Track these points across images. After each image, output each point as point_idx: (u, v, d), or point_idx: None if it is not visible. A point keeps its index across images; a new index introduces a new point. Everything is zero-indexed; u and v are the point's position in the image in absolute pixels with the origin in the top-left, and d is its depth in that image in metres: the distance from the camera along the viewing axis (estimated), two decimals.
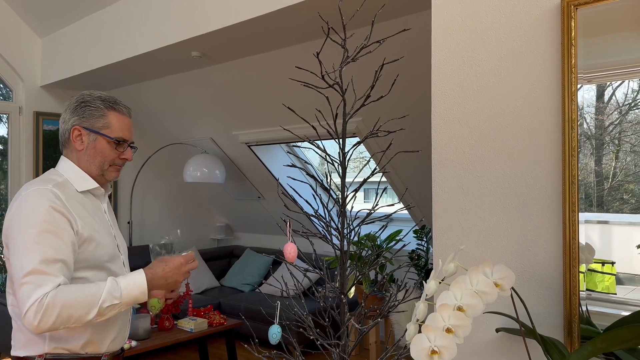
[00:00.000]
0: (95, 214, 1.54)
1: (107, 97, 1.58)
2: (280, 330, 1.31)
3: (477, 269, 1.06)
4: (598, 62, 1.29)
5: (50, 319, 1.30)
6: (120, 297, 1.38)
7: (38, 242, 1.35)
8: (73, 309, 1.32)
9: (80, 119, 1.53)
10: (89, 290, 1.35)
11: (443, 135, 1.55)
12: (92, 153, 1.54)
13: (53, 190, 1.43)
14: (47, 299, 1.30)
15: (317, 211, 1.31)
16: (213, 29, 2.99)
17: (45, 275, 1.32)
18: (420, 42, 2.53)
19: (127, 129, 1.59)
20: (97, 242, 1.48)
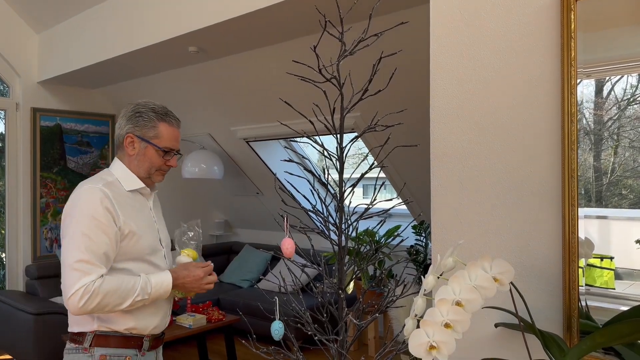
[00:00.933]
0: (140, 211, 1.72)
1: (159, 109, 1.75)
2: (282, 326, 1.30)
3: (475, 264, 1.05)
4: (597, 57, 1.28)
5: (92, 304, 1.53)
6: (149, 294, 1.62)
7: (86, 235, 1.55)
8: (112, 298, 1.55)
9: (134, 127, 1.71)
10: (127, 285, 1.58)
11: (442, 130, 1.54)
12: (141, 159, 1.73)
13: (102, 189, 1.61)
14: (93, 286, 1.52)
15: (315, 206, 1.30)
16: (210, 24, 2.98)
17: (91, 265, 1.54)
18: (418, 35, 2.52)
19: (175, 139, 1.76)
20: (139, 236, 1.66)
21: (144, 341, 1.71)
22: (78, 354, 1.65)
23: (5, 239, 4.76)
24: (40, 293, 4.48)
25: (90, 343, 1.64)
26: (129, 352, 1.68)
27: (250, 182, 5.42)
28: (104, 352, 1.65)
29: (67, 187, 5.01)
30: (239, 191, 5.67)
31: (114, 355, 1.66)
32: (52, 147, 4.90)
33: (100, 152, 5.25)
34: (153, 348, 1.76)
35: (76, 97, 5.07)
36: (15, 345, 4.05)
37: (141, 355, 1.71)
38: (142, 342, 1.71)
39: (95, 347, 1.65)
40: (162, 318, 1.76)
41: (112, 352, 1.66)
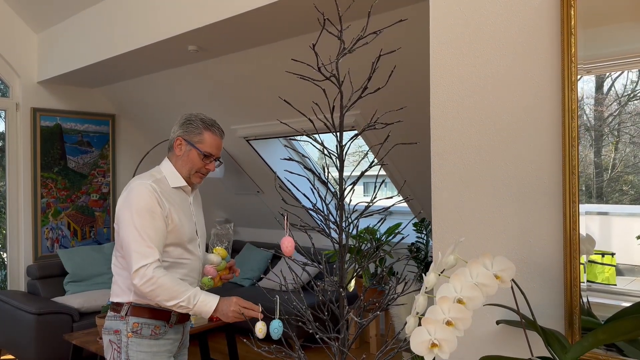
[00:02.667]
0: (181, 205, 1.99)
1: (207, 120, 2.01)
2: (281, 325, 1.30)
3: (477, 261, 1.05)
4: (597, 53, 1.28)
5: (147, 288, 1.80)
6: (192, 307, 1.85)
7: (141, 223, 1.83)
8: (163, 292, 1.80)
9: (183, 132, 1.99)
10: (179, 288, 1.83)
11: (442, 127, 1.54)
12: (185, 160, 1.99)
13: (152, 185, 1.89)
14: (152, 273, 1.80)
15: (315, 205, 1.30)
16: (209, 22, 2.97)
17: (148, 249, 1.82)
18: (418, 33, 2.51)
19: (216, 147, 2.02)
20: (179, 226, 1.93)
21: (171, 315, 1.96)
22: (116, 320, 1.95)
23: (6, 239, 4.76)
24: (41, 293, 4.48)
25: (127, 312, 1.93)
26: (158, 323, 1.94)
27: (250, 181, 5.42)
28: (136, 320, 1.92)
29: (68, 187, 5.01)
30: (240, 190, 5.67)
31: (144, 324, 1.92)
32: (52, 147, 4.89)
33: (100, 152, 5.24)
34: (180, 322, 2.01)
35: (76, 97, 5.06)
36: (17, 345, 4.06)
37: (169, 326, 1.97)
38: (170, 316, 1.96)
39: (130, 316, 1.92)
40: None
41: (144, 321, 1.93)
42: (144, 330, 1.92)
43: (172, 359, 2.02)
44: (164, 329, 1.96)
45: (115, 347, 1.94)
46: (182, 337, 2.08)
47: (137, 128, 5.57)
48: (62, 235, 4.96)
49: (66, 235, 4.99)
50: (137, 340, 1.92)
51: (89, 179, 5.16)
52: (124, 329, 1.93)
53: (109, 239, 5.29)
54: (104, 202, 5.28)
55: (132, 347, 1.91)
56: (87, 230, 5.15)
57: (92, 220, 5.19)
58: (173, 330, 1.99)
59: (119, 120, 5.41)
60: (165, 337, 1.97)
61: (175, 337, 2.01)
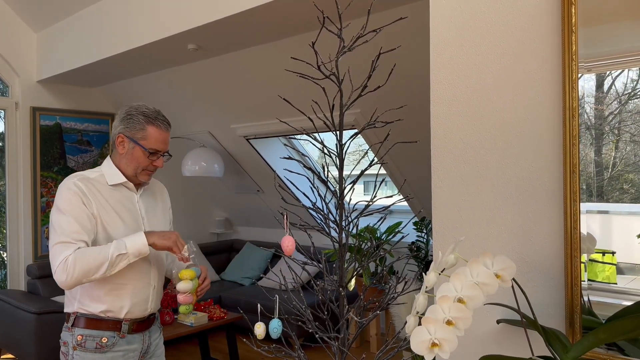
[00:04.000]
0: (122, 205, 1.85)
1: (150, 112, 1.86)
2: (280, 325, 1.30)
3: (477, 260, 1.04)
4: (597, 51, 1.27)
5: (74, 273, 1.66)
6: (126, 248, 1.70)
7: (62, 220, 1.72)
8: (88, 261, 1.67)
9: (124, 128, 1.84)
10: (100, 248, 1.71)
11: (442, 125, 1.53)
12: (129, 158, 1.85)
13: (76, 182, 1.78)
14: (70, 259, 1.67)
15: (315, 204, 1.29)
16: (209, 21, 2.97)
17: (67, 244, 1.69)
18: (418, 31, 2.51)
19: (162, 142, 1.86)
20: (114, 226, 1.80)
21: (122, 324, 1.82)
22: (65, 331, 1.84)
23: (6, 238, 4.75)
24: (41, 292, 4.48)
25: (72, 323, 1.81)
26: (105, 334, 1.80)
27: (250, 180, 5.41)
28: (81, 332, 1.80)
29: None
30: (240, 189, 5.67)
31: (88, 336, 1.79)
32: (52, 146, 4.89)
33: (100, 151, 5.24)
34: (136, 331, 1.86)
35: (76, 96, 5.06)
36: (17, 345, 4.06)
37: (120, 337, 1.82)
38: (121, 325, 1.82)
39: (75, 328, 1.80)
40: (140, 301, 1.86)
41: (89, 332, 1.79)
42: (88, 343, 1.79)
43: None
44: (112, 339, 1.80)
45: (64, 358, 1.83)
46: (144, 346, 1.90)
47: None
48: None
49: None
50: (81, 354, 1.78)
51: None
52: (70, 341, 1.80)
53: None
54: None
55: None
56: None
57: None
58: (126, 341, 1.83)
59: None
60: (115, 350, 1.81)
61: (129, 347, 1.84)
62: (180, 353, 4.56)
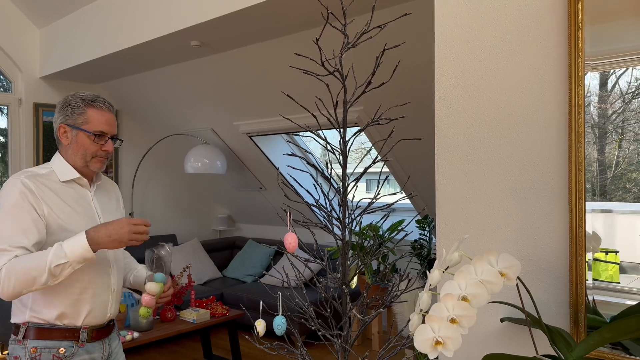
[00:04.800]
0: (76, 202, 1.71)
1: (87, 95, 1.74)
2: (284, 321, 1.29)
3: (482, 258, 1.04)
4: (602, 49, 1.26)
5: (10, 285, 1.51)
6: (65, 257, 1.53)
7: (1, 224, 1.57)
8: (25, 273, 1.51)
9: (64, 117, 1.72)
10: (37, 256, 1.54)
11: (446, 122, 1.53)
12: (75, 147, 1.72)
13: (24, 180, 1.62)
14: (3, 270, 1.51)
15: (318, 201, 1.29)
16: (212, 17, 2.96)
17: (2, 251, 1.53)
18: (422, 27, 2.50)
19: (106, 123, 1.73)
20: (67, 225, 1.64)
21: (80, 332, 1.67)
22: (15, 344, 1.66)
23: None
24: None
25: (24, 335, 1.64)
26: (62, 344, 1.65)
27: (253, 177, 5.41)
28: (35, 344, 1.63)
29: None
30: (242, 186, 5.67)
31: (45, 348, 1.63)
32: (54, 142, 4.89)
33: None
34: (95, 339, 1.72)
35: None
36: None
37: (79, 346, 1.67)
38: (79, 333, 1.67)
39: (27, 340, 1.64)
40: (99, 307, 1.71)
41: (44, 344, 1.63)
42: (44, 355, 1.63)
43: None
44: (71, 349, 1.66)
45: None
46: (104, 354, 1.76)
47: (139, 124, 5.56)
48: None
49: None
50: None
51: None
52: (23, 355, 1.63)
53: None
54: None
55: None
56: None
57: None
58: (85, 350, 1.69)
59: (121, 116, 5.40)
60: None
61: (89, 357, 1.70)
62: (182, 349, 4.57)
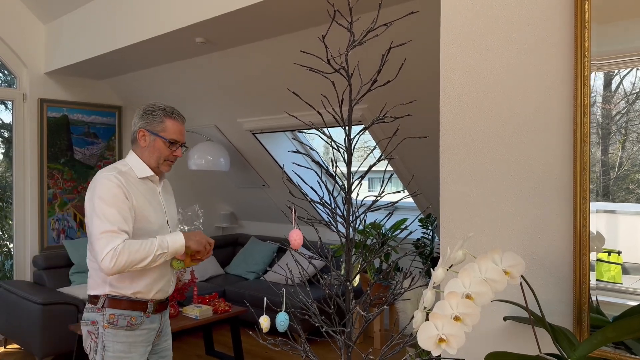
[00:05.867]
0: (150, 195, 2.04)
1: (166, 107, 2.06)
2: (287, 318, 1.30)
3: (486, 257, 1.04)
4: (607, 50, 1.26)
5: (121, 263, 1.83)
6: (167, 248, 1.92)
7: (107, 210, 1.88)
8: (136, 255, 1.85)
9: (144, 123, 2.04)
10: (146, 243, 1.88)
11: (451, 121, 1.53)
12: (151, 150, 2.04)
13: (116, 176, 1.94)
14: (119, 248, 1.82)
15: (323, 198, 1.29)
16: (217, 14, 2.96)
17: (113, 234, 1.85)
18: (428, 25, 2.49)
19: (179, 133, 2.07)
20: (147, 216, 1.99)
21: (148, 305, 2.01)
22: (93, 312, 2.00)
23: (12, 229, 4.78)
24: (47, 283, 4.50)
25: (103, 304, 1.98)
26: (134, 314, 1.99)
27: (256, 174, 5.41)
28: (113, 312, 1.97)
29: (74, 178, 5.02)
30: (245, 183, 5.67)
31: (120, 315, 1.97)
32: (59, 138, 4.90)
33: (107, 144, 5.25)
34: (157, 311, 2.07)
35: (83, 88, 5.07)
36: (23, 335, 4.08)
37: (146, 317, 2.02)
38: (147, 306, 2.01)
39: (106, 308, 1.97)
40: (164, 285, 2.06)
41: (120, 312, 1.97)
42: (120, 321, 1.97)
43: (149, 347, 2.06)
44: (140, 319, 2.00)
45: (93, 337, 2.00)
46: (161, 325, 2.11)
47: None
48: (68, 226, 4.98)
49: (72, 226, 5.01)
50: (113, 331, 1.96)
51: (96, 170, 5.17)
52: (101, 320, 1.97)
53: None
54: None
55: (108, 337, 1.96)
56: None
57: None
58: (149, 320, 2.03)
59: (126, 112, 5.42)
60: (142, 328, 2.01)
61: (152, 326, 2.05)
62: (184, 346, 4.58)
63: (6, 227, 4.92)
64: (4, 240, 4.94)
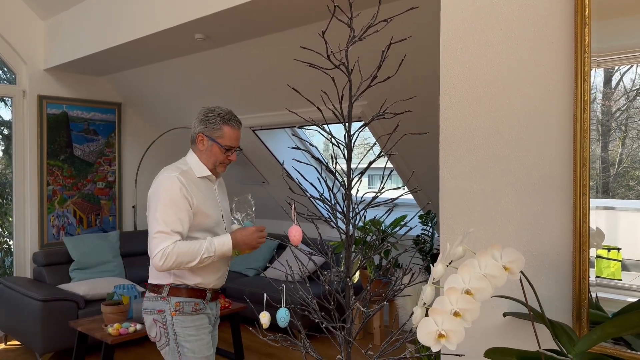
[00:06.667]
0: (207, 193, 2.20)
1: (224, 114, 2.19)
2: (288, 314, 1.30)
3: (486, 252, 1.04)
4: (607, 46, 1.26)
5: (170, 263, 2.01)
6: (214, 252, 2.08)
7: (164, 212, 2.05)
8: (184, 257, 2.03)
9: (203, 128, 2.18)
10: (194, 246, 2.05)
11: (451, 117, 1.53)
12: (208, 154, 2.20)
13: (179, 177, 2.09)
14: (168, 249, 2.00)
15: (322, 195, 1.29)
16: (217, 10, 2.95)
17: (167, 235, 2.03)
18: (429, 21, 2.49)
19: (235, 139, 2.21)
20: (206, 213, 2.15)
21: (207, 293, 2.21)
22: (157, 301, 2.16)
23: (12, 226, 4.78)
24: (47, 280, 4.51)
25: (167, 293, 2.14)
26: (196, 300, 2.18)
27: (256, 171, 5.41)
28: (178, 300, 2.14)
29: (74, 175, 5.02)
30: (245, 180, 5.67)
31: (185, 302, 2.15)
32: (58, 134, 4.90)
33: (106, 140, 5.25)
34: (214, 299, 2.28)
35: (83, 85, 5.06)
36: (23, 331, 4.09)
37: (205, 303, 2.21)
38: (206, 294, 2.21)
39: (171, 297, 2.14)
40: (220, 276, 2.26)
41: (184, 300, 2.15)
42: (186, 307, 2.15)
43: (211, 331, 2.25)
44: (202, 304, 2.19)
45: (160, 325, 2.16)
46: (216, 312, 2.33)
47: (143, 117, 5.57)
48: (67, 223, 4.98)
49: (72, 223, 5.01)
50: (181, 318, 2.13)
51: (95, 167, 5.17)
52: (167, 309, 2.13)
53: (114, 227, 5.31)
54: (110, 190, 5.29)
55: (177, 324, 2.13)
56: (93, 218, 5.17)
57: (97, 208, 5.20)
58: (208, 307, 2.23)
59: (125, 108, 5.41)
60: (204, 312, 2.21)
61: (210, 312, 2.26)
62: None
63: (6, 224, 4.92)
64: (4, 237, 4.95)
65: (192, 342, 2.14)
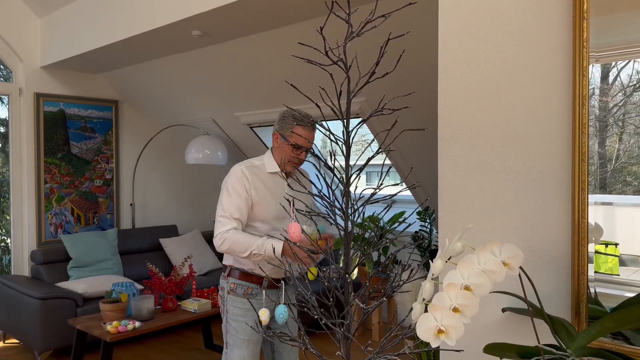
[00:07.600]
0: (275, 188, 2.36)
1: (299, 115, 2.32)
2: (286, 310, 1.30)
3: (485, 248, 1.04)
4: (605, 41, 1.26)
5: (224, 247, 2.23)
6: (264, 252, 2.19)
7: (226, 199, 2.29)
8: (237, 246, 2.22)
9: (279, 127, 2.36)
10: (249, 240, 2.22)
11: (449, 113, 1.52)
12: (279, 151, 2.36)
13: (243, 169, 2.32)
14: (225, 235, 2.23)
15: (321, 191, 1.29)
16: (214, 7, 2.94)
17: (226, 219, 2.26)
18: (427, 17, 2.49)
19: (305, 139, 2.30)
20: (265, 205, 2.32)
21: (263, 280, 2.35)
22: (222, 280, 2.43)
23: (10, 224, 4.77)
24: (45, 278, 4.50)
25: (228, 273, 2.40)
26: (251, 285, 2.36)
27: None
28: (234, 281, 2.37)
29: (71, 173, 5.00)
30: None
31: (239, 285, 2.36)
32: (55, 132, 4.88)
33: (104, 138, 5.23)
34: (272, 287, 2.39)
35: (80, 82, 5.05)
36: (22, 330, 4.08)
37: (261, 290, 2.36)
38: (262, 280, 2.35)
39: (230, 277, 2.38)
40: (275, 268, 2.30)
41: (238, 282, 2.36)
42: (239, 289, 2.35)
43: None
44: (256, 290, 2.36)
45: (221, 300, 2.42)
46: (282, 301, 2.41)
47: (141, 114, 5.55)
48: (65, 220, 4.97)
49: (70, 220, 5.00)
50: (233, 297, 2.35)
51: (93, 165, 5.16)
52: (226, 287, 2.39)
53: (112, 225, 5.30)
54: (107, 188, 5.28)
55: (229, 302, 2.36)
56: (91, 216, 5.16)
57: (95, 206, 5.19)
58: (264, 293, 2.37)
59: (123, 106, 5.40)
60: (257, 298, 2.35)
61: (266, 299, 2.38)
62: (183, 339, 4.59)
63: (3, 222, 4.91)
64: (2, 235, 4.93)
65: (238, 322, 2.32)
